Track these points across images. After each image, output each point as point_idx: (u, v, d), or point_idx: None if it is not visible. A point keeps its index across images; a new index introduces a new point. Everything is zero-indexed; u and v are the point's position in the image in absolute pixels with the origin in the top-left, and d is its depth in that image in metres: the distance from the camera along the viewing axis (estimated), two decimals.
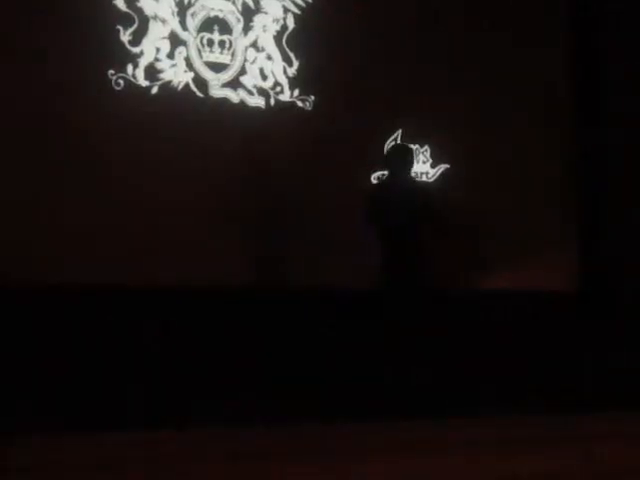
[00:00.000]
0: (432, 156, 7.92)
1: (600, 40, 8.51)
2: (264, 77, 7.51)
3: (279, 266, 7.34)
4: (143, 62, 7.12)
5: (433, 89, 7.95)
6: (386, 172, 7.13)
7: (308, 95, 7.61)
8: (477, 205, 7.84)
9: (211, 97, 7.35)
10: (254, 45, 7.50)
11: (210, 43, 7.36)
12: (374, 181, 7.68)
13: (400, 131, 7.82)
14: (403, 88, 7.87)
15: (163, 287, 6.73)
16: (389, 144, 7.79)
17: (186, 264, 6.90)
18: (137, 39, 7.10)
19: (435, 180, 7.91)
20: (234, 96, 7.42)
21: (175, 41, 7.24)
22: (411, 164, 6.93)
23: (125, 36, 7.06)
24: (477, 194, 7.89)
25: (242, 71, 7.45)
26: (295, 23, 7.59)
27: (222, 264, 7.05)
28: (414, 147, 7.50)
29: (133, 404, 5.64)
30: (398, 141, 7.76)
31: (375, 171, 7.72)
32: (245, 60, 7.46)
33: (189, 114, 7.24)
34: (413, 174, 7.23)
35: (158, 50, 7.18)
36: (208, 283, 6.89)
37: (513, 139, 8.22)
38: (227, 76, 7.41)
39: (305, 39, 7.59)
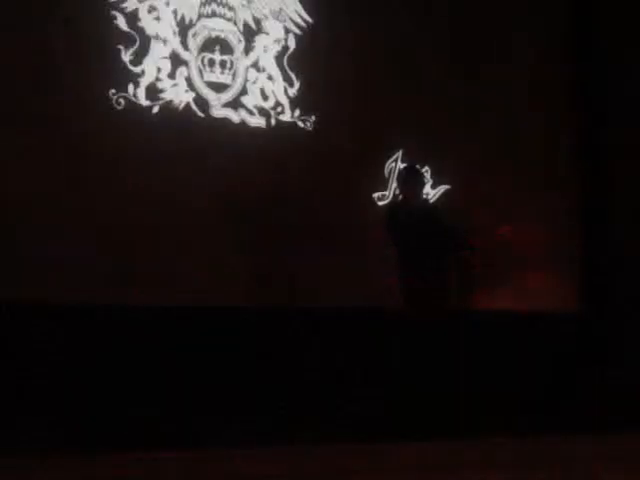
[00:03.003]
0: (432, 176, 7.91)
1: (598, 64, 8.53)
2: (265, 97, 7.52)
3: (281, 285, 7.31)
4: (144, 82, 7.12)
5: (434, 109, 7.97)
6: (387, 192, 7.18)
7: (309, 115, 7.62)
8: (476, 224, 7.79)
9: (212, 117, 7.35)
10: (255, 65, 7.51)
11: (211, 63, 7.38)
12: (376, 202, 7.70)
13: (401, 152, 7.83)
14: (403, 108, 7.88)
15: (166, 305, 6.72)
16: (390, 164, 7.80)
17: (189, 282, 6.90)
18: (138, 59, 7.11)
19: (436, 200, 7.90)
20: (235, 116, 7.43)
21: (176, 61, 7.25)
22: (423, 185, 6.98)
23: (126, 56, 7.07)
24: (477, 213, 7.86)
25: (243, 91, 7.46)
26: (296, 44, 7.61)
27: (223, 282, 7.05)
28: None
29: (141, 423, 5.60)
30: (399, 162, 7.77)
31: (376, 191, 7.74)
32: (246, 80, 7.47)
33: (190, 134, 7.24)
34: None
35: (159, 70, 7.19)
36: (211, 301, 6.88)
37: (514, 158, 8.22)
38: (228, 96, 7.41)
39: (306, 60, 7.61)
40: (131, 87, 7.08)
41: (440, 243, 6.62)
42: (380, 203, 7.75)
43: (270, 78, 7.55)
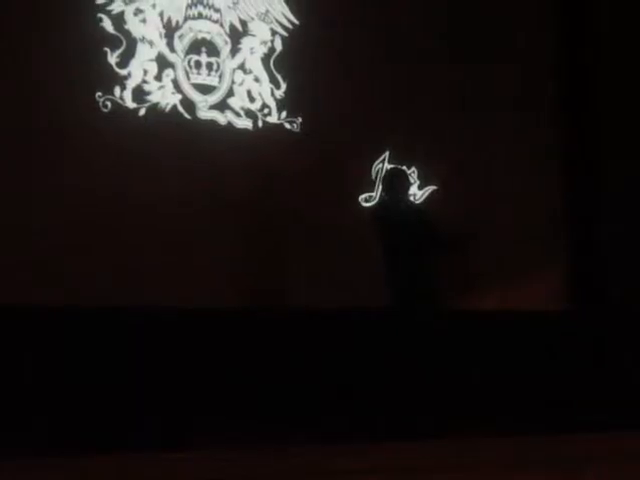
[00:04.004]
0: (419, 177, 7.92)
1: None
2: (252, 99, 7.51)
3: (269, 286, 7.31)
4: (131, 84, 7.10)
5: (420, 110, 7.97)
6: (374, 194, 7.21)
7: (296, 117, 7.62)
8: (465, 224, 7.78)
9: (199, 119, 7.34)
10: (242, 67, 7.50)
11: (198, 65, 7.36)
12: (363, 203, 7.70)
13: (387, 153, 7.83)
14: (390, 109, 7.88)
15: (160, 307, 6.71)
16: (377, 166, 7.80)
17: (176, 285, 6.88)
18: (125, 61, 7.08)
19: (423, 201, 7.90)
20: (222, 118, 7.41)
21: (163, 63, 7.23)
22: (408, 187, 6.98)
23: (113, 58, 7.05)
24: (465, 213, 7.85)
25: (230, 93, 7.44)
26: (283, 45, 7.60)
27: (212, 284, 7.03)
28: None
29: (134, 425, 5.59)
30: (386, 163, 7.78)
31: (363, 193, 7.75)
32: (233, 82, 7.46)
33: (176, 136, 7.22)
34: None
35: (146, 72, 7.17)
36: (197, 304, 6.87)
37: (501, 158, 8.24)
38: (215, 98, 7.40)
39: (292, 61, 7.61)
40: (117, 90, 7.06)
41: (427, 244, 6.61)
42: (367, 204, 7.75)
43: (257, 80, 7.54)
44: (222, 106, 7.42)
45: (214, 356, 6.71)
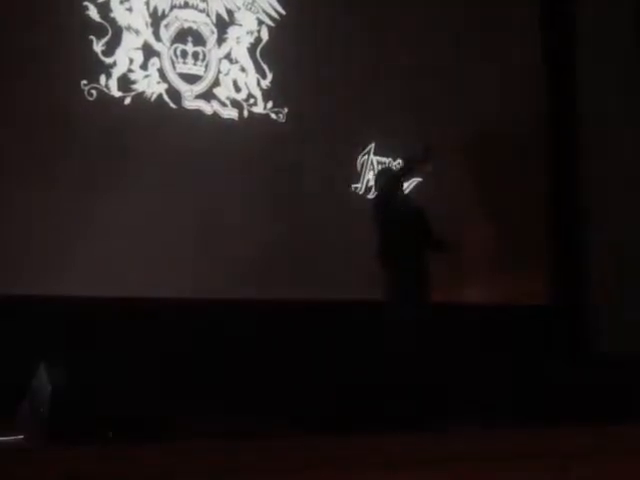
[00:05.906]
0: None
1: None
2: (238, 89, 7.49)
3: (258, 279, 7.29)
4: (116, 73, 7.07)
5: (406, 102, 7.96)
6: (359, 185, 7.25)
7: (282, 107, 7.60)
8: (449, 219, 7.78)
9: (184, 108, 7.30)
10: (228, 57, 7.47)
11: (184, 54, 7.33)
12: (349, 195, 7.72)
13: (373, 145, 7.84)
14: (376, 101, 7.87)
15: (156, 300, 6.70)
16: (362, 157, 7.81)
17: (163, 277, 6.88)
18: (110, 49, 7.05)
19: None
20: (207, 107, 7.38)
21: (148, 52, 7.20)
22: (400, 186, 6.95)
23: (98, 46, 7.01)
24: (449, 208, 7.86)
25: (216, 83, 7.42)
26: (269, 35, 7.58)
27: (203, 277, 7.03)
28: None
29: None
30: (371, 155, 7.79)
31: (349, 184, 7.76)
32: (219, 72, 7.43)
33: (162, 125, 7.19)
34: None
35: (131, 61, 7.14)
36: (186, 294, 6.87)
37: (486, 154, 8.26)
38: (200, 87, 7.37)
39: (279, 51, 7.59)
40: (103, 78, 7.02)
41: (421, 240, 6.60)
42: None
43: (243, 70, 7.51)
44: (208, 96, 7.39)
45: (213, 348, 6.72)
